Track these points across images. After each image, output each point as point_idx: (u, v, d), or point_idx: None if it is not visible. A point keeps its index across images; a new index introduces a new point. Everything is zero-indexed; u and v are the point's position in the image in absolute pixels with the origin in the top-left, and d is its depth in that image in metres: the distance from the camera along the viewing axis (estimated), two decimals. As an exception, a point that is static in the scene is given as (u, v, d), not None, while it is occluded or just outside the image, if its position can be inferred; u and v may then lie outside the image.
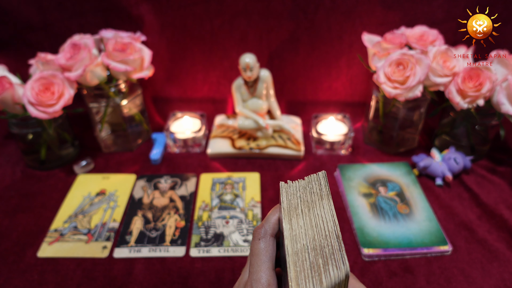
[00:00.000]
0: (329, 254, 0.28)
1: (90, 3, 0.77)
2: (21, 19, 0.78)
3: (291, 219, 0.31)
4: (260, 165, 0.74)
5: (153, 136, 0.79)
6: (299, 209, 0.32)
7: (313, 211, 0.32)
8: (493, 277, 0.52)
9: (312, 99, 0.87)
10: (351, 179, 0.68)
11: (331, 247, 0.28)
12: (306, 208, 0.32)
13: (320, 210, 0.32)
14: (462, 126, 0.72)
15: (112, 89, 0.71)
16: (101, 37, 0.73)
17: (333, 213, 0.31)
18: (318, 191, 0.33)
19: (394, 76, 0.64)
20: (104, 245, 0.58)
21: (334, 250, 0.28)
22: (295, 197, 0.33)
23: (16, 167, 0.74)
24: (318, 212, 0.31)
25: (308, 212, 0.32)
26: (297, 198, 0.33)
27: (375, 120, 0.77)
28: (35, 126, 0.68)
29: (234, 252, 0.56)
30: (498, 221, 0.60)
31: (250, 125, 0.75)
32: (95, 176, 0.71)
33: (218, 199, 0.66)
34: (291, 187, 0.34)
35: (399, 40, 0.67)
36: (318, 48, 0.80)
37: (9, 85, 0.62)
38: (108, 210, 0.64)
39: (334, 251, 0.28)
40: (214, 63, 0.83)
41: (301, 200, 0.33)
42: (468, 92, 0.62)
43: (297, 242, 0.29)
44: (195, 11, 0.77)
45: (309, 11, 0.76)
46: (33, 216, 0.63)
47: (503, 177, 0.69)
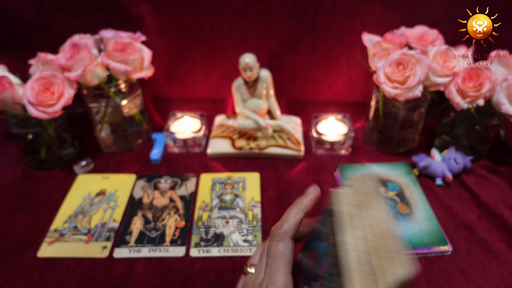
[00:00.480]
0: (391, 255, 0.27)
1: (90, 3, 0.77)
2: (21, 19, 0.78)
3: (348, 228, 0.30)
4: (260, 165, 0.74)
5: (153, 136, 0.79)
6: (354, 215, 0.31)
7: (366, 213, 0.30)
8: (493, 277, 0.52)
9: (312, 99, 0.87)
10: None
11: (391, 248, 0.28)
12: (360, 212, 0.31)
13: (374, 211, 0.30)
14: (462, 126, 0.72)
15: (112, 89, 0.71)
16: (101, 37, 0.73)
17: (388, 213, 0.30)
18: (369, 192, 0.32)
19: (394, 76, 0.64)
20: (104, 245, 0.58)
21: (395, 250, 0.27)
22: (346, 204, 0.31)
23: (16, 167, 0.74)
24: (373, 214, 0.30)
25: (363, 216, 0.30)
26: (348, 204, 0.31)
27: (375, 120, 0.77)
28: (35, 126, 0.68)
29: (234, 252, 0.56)
30: (498, 221, 0.60)
31: (250, 125, 0.75)
32: (95, 176, 0.71)
33: (218, 199, 0.66)
34: (343, 194, 0.32)
35: (399, 40, 0.67)
36: (318, 48, 0.80)
37: (9, 85, 0.62)
38: (108, 210, 0.64)
39: (396, 251, 0.27)
40: (214, 63, 0.83)
41: (354, 205, 0.31)
42: (468, 92, 0.62)
43: (357, 250, 0.28)
44: (195, 11, 0.77)
45: (309, 11, 0.76)
46: (33, 216, 0.63)
47: (503, 177, 0.69)
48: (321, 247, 0.33)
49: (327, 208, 0.33)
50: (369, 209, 0.30)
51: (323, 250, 0.32)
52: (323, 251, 0.32)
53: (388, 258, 0.27)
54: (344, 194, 0.32)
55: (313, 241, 0.36)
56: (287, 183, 0.69)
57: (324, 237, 0.33)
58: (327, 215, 0.33)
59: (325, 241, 0.32)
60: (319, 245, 0.34)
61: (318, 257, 0.33)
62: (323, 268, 0.32)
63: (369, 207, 0.31)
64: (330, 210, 0.32)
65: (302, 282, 0.37)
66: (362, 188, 0.32)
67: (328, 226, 0.32)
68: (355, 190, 0.32)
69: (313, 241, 0.36)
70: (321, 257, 0.32)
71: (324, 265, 0.31)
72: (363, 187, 0.32)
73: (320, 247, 0.33)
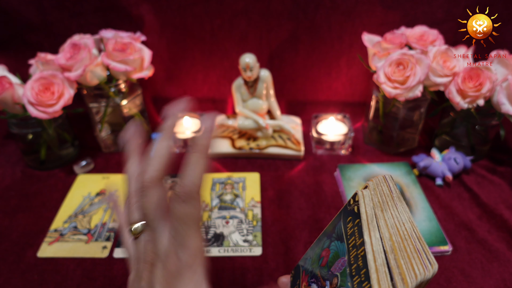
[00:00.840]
0: (411, 256, 0.27)
1: (90, 3, 0.77)
2: (21, 19, 0.78)
3: (369, 229, 0.30)
4: (260, 165, 0.74)
5: (153, 136, 0.79)
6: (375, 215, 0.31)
7: (387, 214, 0.30)
8: (493, 277, 0.52)
9: (312, 99, 0.87)
10: (351, 179, 0.68)
11: (412, 248, 0.28)
12: (381, 213, 0.31)
13: (394, 212, 0.30)
14: (462, 126, 0.72)
15: (112, 89, 0.71)
16: (101, 37, 0.73)
17: (409, 214, 0.30)
18: (389, 193, 0.32)
19: (394, 76, 0.64)
20: (104, 245, 0.58)
21: (417, 250, 0.28)
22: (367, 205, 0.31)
23: (16, 167, 0.74)
24: (394, 215, 0.30)
25: (384, 217, 0.30)
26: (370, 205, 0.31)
27: (375, 120, 0.77)
28: (35, 126, 0.68)
29: (234, 252, 0.56)
30: (498, 221, 0.60)
31: (250, 125, 0.75)
32: (95, 176, 0.71)
33: (218, 199, 0.66)
34: (364, 195, 0.32)
35: (399, 40, 0.67)
36: (318, 48, 0.80)
37: (9, 85, 0.62)
38: (108, 210, 0.64)
39: (418, 252, 0.27)
40: (214, 63, 0.83)
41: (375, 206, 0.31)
42: (468, 92, 0.62)
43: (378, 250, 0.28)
44: (195, 11, 0.77)
45: (309, 11, 0.76)
46: (33, 216, 0.63)
47: (503, 177, 0.69)
48: (335, 247, 0.33)
49: (346, 208, 0.33)
50: (390, 210, 0.31)
51: (338, 249, 0.32)
52: (337, 251, 0.32)
53: (409, 259, 0.27)
54: (365, 195, 0.32)
55: (325, 240, 0.36)
56: (287, 183, 0.69)
57: (340, 237, 0.32)
58: (346, 215, 0.33)
59: (341, 241, 0.32)
60: (333, 245, 0.34)
61: (331, 256, 0.33)
62: (337, 267, 0.32)
63: (390, 208, 0.31)
64: (350, 211, 0.32)
65: (309, 280, 0.36)
66: (382, 189, 0.32)
67: (347, 227, 0.32)
68: (375, 191, 0.32)
69: (325, 240, 0.36)
70: (335, 256, 0.32)
71: (339, 265, 0.31)
72: (383, 188, 0.32)
73: (334, 246, 0.33)
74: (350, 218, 0.32)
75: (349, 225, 0.32)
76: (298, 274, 0.41)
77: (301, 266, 0.41)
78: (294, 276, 0.42)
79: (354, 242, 0.30)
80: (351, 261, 0.30)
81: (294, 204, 0.64)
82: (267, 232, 0.59)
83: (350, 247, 0.31)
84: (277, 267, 0.54)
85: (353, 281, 0.29)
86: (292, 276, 0.43)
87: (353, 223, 0.31)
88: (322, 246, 0.36)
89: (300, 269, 0.40)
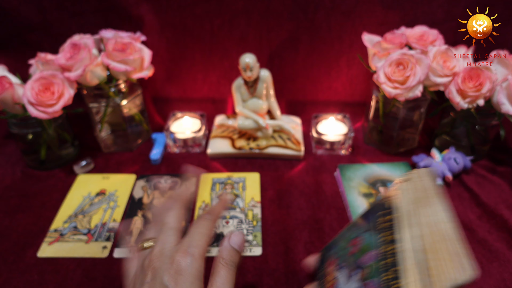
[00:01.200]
0: (449, 257, 0.26)
1: (90, 3, 0.77)
2: (21, 19, 0.78)
3: (405, 225, 0.29)
4: (260, 165, 0.74)
5: (153, 136, 0.79)
6: (412, 212, 0.30)
7: (424, 211, 0.29)
8: (493, 277, 0.52)
9: (312, 99, 0.87)
10: (351, 179, 0.68)
11: (450, 250, 0.27)
12: (418, 209, 0.30)
13: (432, 210, 0.29)
14: (462, 126, 0.72)
15: (112, 89, 0.71)
16: (101, 37, 0.73)
17: (448, 214, 0.29)
18: (426, 189, 0.31)
19: (394, 76, 0.64)
20: (104, 245, 0.58)
21: (454, 253, 0.26)
22: (404, 200, 0.30)
23: (16, 167, 0.74)
24: (431, 213, 0.29)
25: (420, 214, 0.29)
26: (406, 201, 0.30)
27: (375, 120, 0.77)
28: (35, 126, 0.68)
29: (234, 252, 0.56)
30: (498, 221, 0.60)
31: (250, 125, 0.75)
32: (95, 176, 0.71)
33: (218, 199, 0.66)
34: (401, 190, 0.31)
35: (399, 40, 0.67)
36: (318, 48, 0.80)
37: (9, 85, 0.62)
38: (108, 210, 0.64)
39: (455, 254, 0.26)
40: (214, 63, 0.83)
41: (412, 202, 0.30)
42: (468, 92, 0.62)
43: (413, 248, 0.27)
44: (195, 11, 0.77)
45: (309, 11, 0.76)
46: (33, 216, 0.63)
47: (503, 177, 0.69)
48: (368, 238, 0.32)
49: (380, 202, 0.32)
50: (427, 206, 0.29)
51: (370, 241, 0.32)
52: (369, 243, 0.32)
53: (446, 260, 0.26)
54: (402, 190, 0.31)
55: (357, 229, 0.35)
56: (287, 183, 0.69)
57: (374, 230, 0.32)
58: (381, 209, 0.32)
59: (374, 234, 0.31)
60: (365, 235, 0.33)
61: (362, 247, 0.32)
62: (366, 259, 0.31)
63: (427, 205, 0.30)
64: (385, 205, 0.31)
65: (338, 264, 0.36)
66: (419, 185, 0.31)
67: (381, 221, 0.31)
68: (412, 186, 0.31)
69: (357, 229, 0.35)
70: (366, 248, 0.32)
71: (369, 257, 0.31)
72: (421, 183, 0.31)
73: (366, 237, 0.32)
74: (385, 212, 0.31)
75: (384, 218, 0.31)
76: (327, 257, 0.40)
77: (330, 249, 0.40)
78: (322, 257, 0.42)
79: (386, 238, 0.29)
80: (382, 257, 0.29)
81: (294, 204, 0.64)
82: (267, 232, 0.59)
83: (381, 242, 0.30)
84: (277, 267, 0.54)
85: (380, 277, 0.28)
86: (322, 255, 0.42)
87: (389, 217, 0.30)
88: (352, 234, 0.35)
89: (329, 252, 0.40)
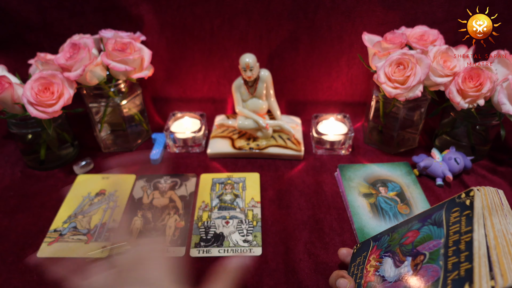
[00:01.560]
0: None
1: (90, 3, 0.77)
2: (21, 19, 0.78)
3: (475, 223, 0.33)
4: (260, 165, 0.74)
5: (153, 136, 0.79)
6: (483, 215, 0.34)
7: (493, 219, 0.34)
8: (493, 278, 0.52)
9: (312, 99, 0.87)
10: (351, 179, 0.68)
11: None
12: (488, 215, 0.34)
13: (500, 221, 0.34)
14: (462, 126, 0.72)
15: (111, 89, 0.71)
16: (100, 37, 0.73)
17: None
18: (499, 204, 0.36)
19: (394, 76, 0.64)
20: (104, 245, 0.57)
21: None
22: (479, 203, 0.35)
23: (15, 167, 0.73)
24: (499, 222, 0.34)
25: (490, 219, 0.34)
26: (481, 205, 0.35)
27: (375, 120, 0.77)
28: (35, 126, 0.68)
29: (234, 253, 0.56)
30: (498, 221, 0.60)
31: (250, 125, 0.75)
32: (94, 176, 0.71)
33: (218, 199, 0.65)
34: (479, 194, 0.36)
35: (400, 40, 0.67)
36: (318, 48, 0.80)
37: (9, 84, 0.62)
38: (107, 210, 0.64)
39: None
40: (214, 63, 0.83)
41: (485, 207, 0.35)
42: (468, 92, 0.62)
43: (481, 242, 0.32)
44: (195, 11, 0.77)
45: (309, 11, 0.76)
46: (33, 217, 0.62)
47: (503, 177, 0.69)
48: (427, 231, 0.39)
49: (454, 200, 0.38)
50: (496, 217, 0.34)
51: (432, 233, 0.38)
52: (430, 234, 0.38)
53: (510, 261, 0.30)
54: (479, 195, 0.36)
55: (415, 223, 0.42)
56: (287, 183, 0.69)
57: (439, 223, 0.38)
58: (453, 206, 0.37)
59: (438, 226, 0.37)
60: (426, 228, 0.39)
61: (421, 237, 0.39)
62: (426, 247, 0.37)
63: (496, 216, 0.34)
64: (459, 203, 0.37)
65: (382, 254, 0.43)
66: (492, 198, 0.36)
67: (451, 216, 0.37)
68: (485, 196, 0.36)
69: (415, 223, 0.42)
70: (426, 238, 0.38)
71: (430, 245, 0.37)
72: (494, 198, 0.36)
73: (427, 230, 0.39)
74: (457, 209, 0.37)
75: (454, 214, 0.37)
76: (367, 247, 0.47)
77: (373, 241, 0.47)
78: (359, 249, 0.48)
79: (458, 229, 0.35)
80: (450, 244, 0.35)
81: (294, 204, 0.64)
82: (267, 232, 0.59)
83: (451, 233, 0.35)
84: (277, 267, 0.54)
85: (447, 260, 0.34)
86: (357, 249, 0.49)
87: (460, 213, 0.36)
88: (409, 228, 0.42)
89: (371, 244, 0.47)
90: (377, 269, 0.42)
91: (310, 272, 0.53)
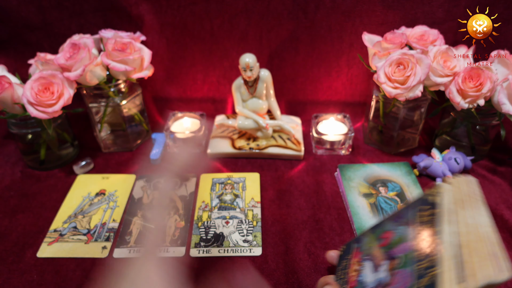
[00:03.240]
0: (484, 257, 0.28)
1: (90, 3, 0.77)
2: (21, 18, 0.78)
3: (444, 221, 0.31)
4: (260, 165, 0.74)
5: (153, 136, 0.79)
6: (452, 210, 0.32)
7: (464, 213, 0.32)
8: (493, 278, 0.52)
9: (312, 99, 0.87)
10: (351, 179, 0.68)
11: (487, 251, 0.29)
12: (458, 210, 0.32)
13: (472, 213, 0.32)
14: (462, 126, 0.72)
15: (111, 89, 0.71)
16: (100, 37, 0.73)
17: (490, 221, 0.31)
18: (471, 195, 0.33)
19: (394, 76, 0.64)
20: (104, 245, 0.57)
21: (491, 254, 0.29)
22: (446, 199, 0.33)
23: (15, 167, 0.73)
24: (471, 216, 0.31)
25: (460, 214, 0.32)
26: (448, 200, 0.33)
27: (375, 120, 0.77)
28: (35, 126, 0.68)
29: (234, 253, 0.56)
30: (498, 221, 0.60)
31: (250, 125, 0.75)
32: (94, 176, 0.71)
33: (218, 199, 0.65)
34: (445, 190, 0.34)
35: (400, 40, 0.67)
36: (318, 48, 0.80)
37: (9, 84, 0.62)
38: (107, 210, 0.64)
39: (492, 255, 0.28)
40: (214, 63, 0.83)
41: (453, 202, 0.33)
42: (468, 92, 0.62)
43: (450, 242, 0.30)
44: (195, 11, 0.77)
45: (309, 11, 0.76)
46: (33, 217, 0.62)
47: (503, 178, 0.69)
48: (402, 232, 0.35)
49: (424, 198, 0.35)
50: (469, 209, 0.32)
51: (404, 234, 0.34)
52: (403, 236, 0.34)
53: (483, 259, 0.28)
54: (446, 190, 0.33)
55: (389, 224, 0.38)
56: (287, 183, 0.69)
57: (411, 223, 0.34)
58: (422, 204, 0.34)
59: (410, 227, 0.34)
60: (398, 229, 0.35)
61: (396, 239, 0.35)
62: (400, 250, 0.34)
63: (469, 208, 0.32)
64: (428, 200, 0.34)
65: (363, 257, 0.39)
66: (464, 189, 0.33)
67: (422, 215, 0.34)
68: (456, 189, 0.33)
69: (389, 223, 0.38)
70: (399, 240, 0.34)
71: (402, 248, 0.34)
72: (465, 189, 0.33)
73: (400, 230, 0.35)
74: (427, 208, 0.34)
75: (425, 213, 0.34)
76: (349, 251, 0.43)
77: (354, 244, 0.43)
78: (344, 251, 0.45)
79: (426, 229, 0.32)
80: (415, 247, 0.32)
81: (294, 204, 0.64)
82: (267, 232, 0.59)
83: (417, 234, 0.32)
84: (277, 267, 0.54)
85: (417, 265, 0.31)
86: (343, 251, 0.46)
87: (430, 212, 0.33)
88: (384, 228, 0.39)
89: (353, 247, 0.43)
90: (359, 273, 0.39)
91: (310, 272, 0.53)
